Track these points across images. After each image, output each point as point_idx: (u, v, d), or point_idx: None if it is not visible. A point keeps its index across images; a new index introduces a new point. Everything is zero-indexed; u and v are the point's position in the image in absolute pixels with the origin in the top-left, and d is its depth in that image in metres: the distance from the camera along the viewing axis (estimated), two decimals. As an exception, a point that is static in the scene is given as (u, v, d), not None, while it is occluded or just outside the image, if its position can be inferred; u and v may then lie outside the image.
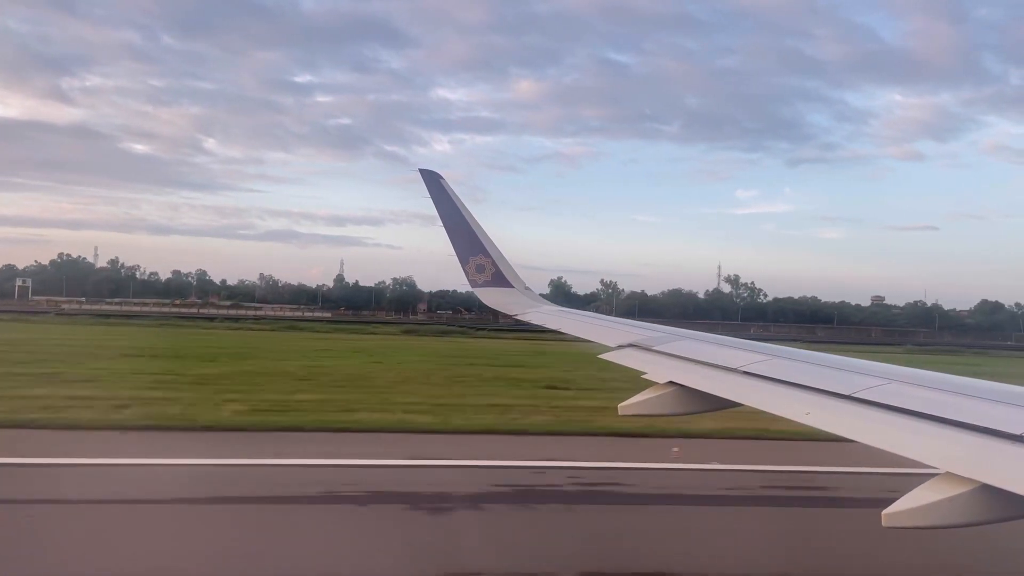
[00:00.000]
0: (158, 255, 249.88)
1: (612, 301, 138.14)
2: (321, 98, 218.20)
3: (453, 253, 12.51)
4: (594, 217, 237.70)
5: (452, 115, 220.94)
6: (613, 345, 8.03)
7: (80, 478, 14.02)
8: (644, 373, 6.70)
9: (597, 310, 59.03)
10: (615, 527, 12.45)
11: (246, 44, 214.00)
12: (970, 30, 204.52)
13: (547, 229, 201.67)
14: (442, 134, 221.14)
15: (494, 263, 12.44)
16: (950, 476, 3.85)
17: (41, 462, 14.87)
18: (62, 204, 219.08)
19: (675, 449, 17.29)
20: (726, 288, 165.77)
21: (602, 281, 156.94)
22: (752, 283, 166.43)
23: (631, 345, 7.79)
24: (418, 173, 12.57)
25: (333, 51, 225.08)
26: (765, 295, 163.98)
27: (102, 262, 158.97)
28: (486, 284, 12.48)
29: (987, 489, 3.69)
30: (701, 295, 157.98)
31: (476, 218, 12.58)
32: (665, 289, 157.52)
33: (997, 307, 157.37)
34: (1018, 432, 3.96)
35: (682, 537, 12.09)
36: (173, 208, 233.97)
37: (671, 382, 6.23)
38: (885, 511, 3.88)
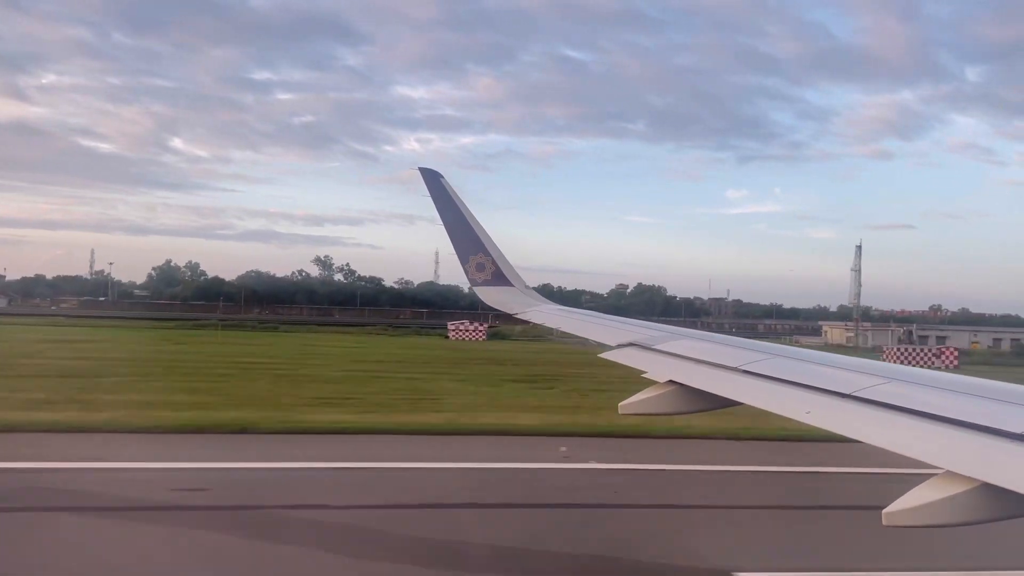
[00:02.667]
0: (137, 255, 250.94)
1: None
2: (282, 96, 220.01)
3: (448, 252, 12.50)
4: (571, 216, 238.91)
5: (417, 113, 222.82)
6: (613, 344, 8.03)
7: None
8: (644, 372, 6.69)
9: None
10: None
11: (198, 41, 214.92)
12: (921, 27, 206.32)
13: (525, 229, 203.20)
14: (408, 132, 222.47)
15: (494, 262, 12.45)
16: (950, 475, 3.84)
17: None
18: (39, 205, 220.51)
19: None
20: (315, 270, 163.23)
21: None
22: (347, 264, 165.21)
23: (631, 344, 7.78)
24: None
25: (287, 47, 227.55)
26: (361, 277, 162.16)
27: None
28: (486, 283, 12.49)
29: (988, 488, 3.68)
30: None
31: (476, 217, 12.59)
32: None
33: (643, 290, 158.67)
34: (1019, 431, 3.95)
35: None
36: (149, 208, 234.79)
37: (671, 381, 6.22)
38: (885, 510, 3.87)
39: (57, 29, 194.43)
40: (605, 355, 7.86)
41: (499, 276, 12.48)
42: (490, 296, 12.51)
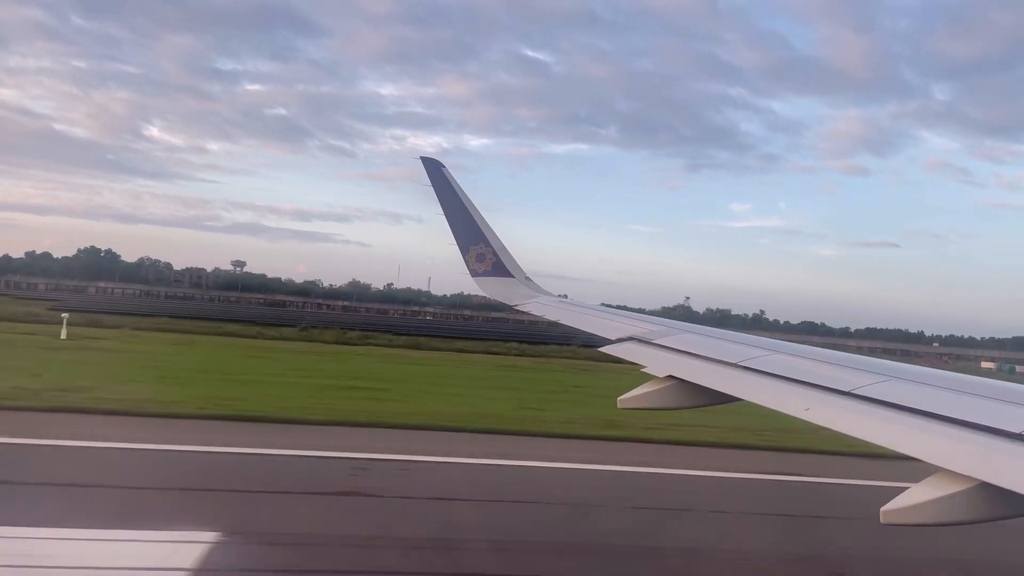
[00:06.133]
0: (127, 243, 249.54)
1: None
2: (250, 86, 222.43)
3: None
4: (556, 221, 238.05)
5: (387, 110, 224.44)
6: (613, 338, 8.00)
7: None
8: (644, 367, 6.67)
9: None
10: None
11: (155, 27, 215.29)
12: (878, 39, 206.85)
13: (511, 232, 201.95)
14: (381, 128, 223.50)
15: (494, 252, 12.41)
16: (948, 474, 3.85)
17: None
18: (24, 189, 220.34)
19: None
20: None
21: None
22: None
23: (631, 338, 7.76)
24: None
25: (247, 37, 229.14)
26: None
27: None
28: (486, 274, 12.45)
29: (986, 487, 3.68)
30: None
31: (477, 207, 12.54)
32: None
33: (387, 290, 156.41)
34: (1017, 430, 3.95)
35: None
36: (135, 196, 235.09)
37: (670, 376, 6.21)
38: (883, 508, 3.88)
39: (14, 10, 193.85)
40: (605, 349, 7.85)
41: (499, 267, 12.44)
42: (490, 287, 12.47)
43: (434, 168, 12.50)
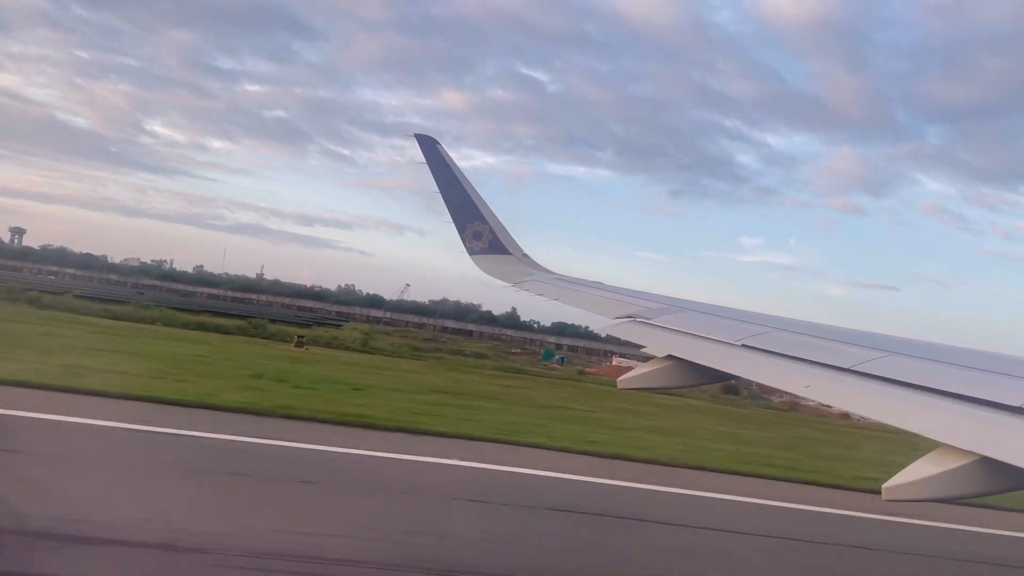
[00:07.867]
0: (130, 236, 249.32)
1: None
2: (249, 86, 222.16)
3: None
4: (554, 240, 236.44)
5: (385, 119, 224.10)
6: (611, 317, 7.96)
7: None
8: (643, 347, 6.66)
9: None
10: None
11: (153, 19, 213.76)
12: (871, 78, 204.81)
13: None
14: (380, 137, 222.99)
15: (491, 230, 12.34)
16: (949, 449, 3.86)
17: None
18: (30, 176, 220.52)
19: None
20: None
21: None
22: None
23: (629, 317, 7.72)
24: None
25: (244, 35, 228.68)
26: None
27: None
28: (483, 251, 12.39)
29: (987, 462, 3.70)
30: None
31: (473, 184, 12.45)
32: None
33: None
34: (1019, 404, 3.96)
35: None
36: (139, 190, 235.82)
37: (670, 355, 6.20)
38: (885, 484, 3.89)
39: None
40: (603, 329, 7.82)
41: (496, 244, 12.36)
42: (487, 265, 12.39)
43: (429, 145, 12.38)
